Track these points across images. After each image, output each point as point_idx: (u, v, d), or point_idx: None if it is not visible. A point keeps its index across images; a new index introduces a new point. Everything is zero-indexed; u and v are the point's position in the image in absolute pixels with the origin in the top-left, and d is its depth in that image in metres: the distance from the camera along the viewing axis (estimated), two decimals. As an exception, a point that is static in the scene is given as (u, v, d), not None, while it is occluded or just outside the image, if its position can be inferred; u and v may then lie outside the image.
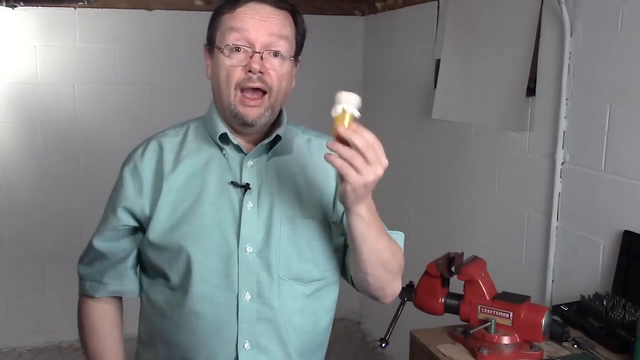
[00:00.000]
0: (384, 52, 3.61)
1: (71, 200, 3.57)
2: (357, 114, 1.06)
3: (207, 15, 1.33)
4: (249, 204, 1.26)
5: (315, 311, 1.33)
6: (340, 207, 1.31)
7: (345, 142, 1.05)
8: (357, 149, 1.04)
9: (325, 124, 1.40)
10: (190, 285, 1.24)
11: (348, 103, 1.06)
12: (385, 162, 1.07)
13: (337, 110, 1.07)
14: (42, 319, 3.64)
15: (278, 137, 1.28)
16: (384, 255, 1.23)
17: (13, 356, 3.55)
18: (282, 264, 1.26)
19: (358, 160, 1.04)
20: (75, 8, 3.40)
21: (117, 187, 1.32)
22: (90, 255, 1.37)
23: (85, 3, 3.40)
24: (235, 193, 1.26)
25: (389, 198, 3.16)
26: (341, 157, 1.05)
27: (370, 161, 1.05)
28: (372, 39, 3.78)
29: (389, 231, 1.33)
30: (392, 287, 1.31)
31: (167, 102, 3.57)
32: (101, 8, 3.42)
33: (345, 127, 1.05)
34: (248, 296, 1.24)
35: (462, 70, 2.69)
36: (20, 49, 3.39)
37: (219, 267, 1.24)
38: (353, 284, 1.35)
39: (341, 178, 1.07)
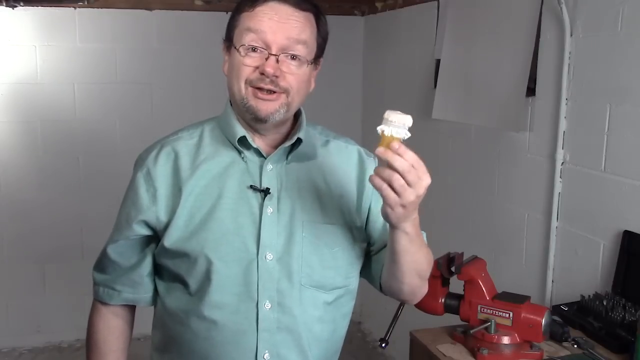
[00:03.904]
0: (384, 52, 3.60)
1: (71, 200, 3.57)
2: (401, 134, 1.03)
3: (207, 15, 1.32)
4: (268, 209, 1.22)
5: (335, 319, 1.31)
6: (363, 213, 1.29)
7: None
8: (397, 171, 1.03)
9: (324, 124, 1.40)
10: (208, 293, 1.20)
11: (391, 123, 1.03)
12: (427, 181, 1.06)
13: (379, 131, 1.04)
14: (42, 319, 3.65)
15: (299, 140, 1.24)
16: (422, 265, 1.25)
17: (13, 356, 3.55)
18: (303, 271, 1.23)
19: (397, 183, 1.04)
20: (75, 8, 3.40)
21: (131, 194, 1.27)
22: (104, 262, 1.33)
23: (85, 3, 3.40)
24: (254, 198, 1.22)
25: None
26: (381, 178, 1.05)
27: (410, 183, 1.04)
28: (372, 39, 3.78)
29: None
30: (422, 291, 1.33)
31: (167, 102, 3.57)
32: (101, 8, 3.42)
33: (383, 149, 1.03)
34: (268, 305, 1.21)
35: (462, 70, 2.69)
36: (20, 49, 3.39)
37: (238, 275, 1.20)
38: (381, 289, 1.34)
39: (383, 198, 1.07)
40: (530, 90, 2.33)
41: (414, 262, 1.21)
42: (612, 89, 1.99)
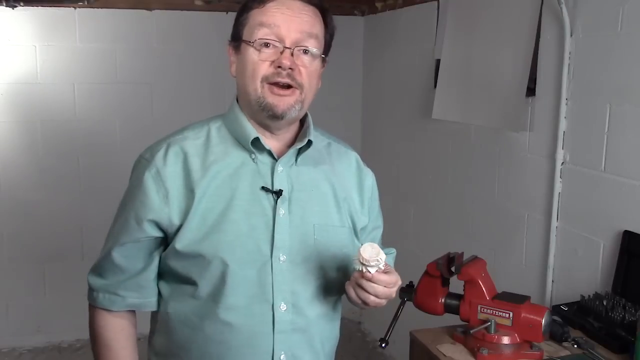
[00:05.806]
0: (384, 52, 3.60)
1: (71, 200, 3.57)
2: (373, 271, 1.14)
3: (207, 15, 1.32)
4: (281, 211, 1.22)
5: (339, 315, 1.34)
6: (364, 218, 1.33)
7: None
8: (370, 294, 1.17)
9: (324, 124, 1.40)
10: (222, 296, 1.19)
11: (366, 261, 1.13)
12: (397, 286, 1.19)
13: (356, 269, 1.16)
14: (42, 319, 3.64)
15: (309, 142, 1.25)
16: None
17: (13, 356, 3.55)
18: (316, 272, 1.24)
19: (372, 302, 1.17)
20: (75, 8, 3.40)
21: (137, 193, 1.22)
22: (105, 267, 1.27)
23: (85, 3, 3.40)
24: (267, 199, 1.22)
25: (389, 198, 3.16)
26: (357, 295, 1.18)
27: (382, 297, 1.17)
28: (372, 39, 3.78)
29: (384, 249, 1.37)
30: None
31: (166, 102, 3.57)
32: (101, 8, 3.42)
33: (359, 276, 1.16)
34: (283, 306, 1.22)
35: (462, 70, 2.69)
36: (20, 49, 3.39)
37: (252, 277, 1.20)
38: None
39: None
40: (530, 90, 2.33)
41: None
42: (612, 89, 1.99)
